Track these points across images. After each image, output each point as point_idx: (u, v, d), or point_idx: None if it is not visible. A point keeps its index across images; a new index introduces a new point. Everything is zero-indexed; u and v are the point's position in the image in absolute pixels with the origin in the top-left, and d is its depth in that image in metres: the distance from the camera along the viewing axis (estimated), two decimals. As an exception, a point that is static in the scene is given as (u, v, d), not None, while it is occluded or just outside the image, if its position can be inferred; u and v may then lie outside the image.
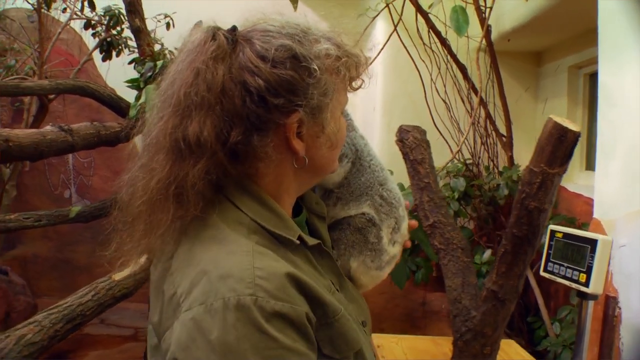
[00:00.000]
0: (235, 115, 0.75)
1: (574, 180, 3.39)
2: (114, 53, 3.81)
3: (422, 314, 3.71)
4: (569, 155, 0.97)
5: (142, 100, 2.81)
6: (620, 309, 1.96)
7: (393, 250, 1.00)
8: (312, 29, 0.80)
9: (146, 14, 3.27)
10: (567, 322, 2.70)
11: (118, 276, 2.46)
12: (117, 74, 4.13)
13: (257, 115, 0.74)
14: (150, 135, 0.78)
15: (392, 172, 2.89)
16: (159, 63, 2.87)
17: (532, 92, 3.91)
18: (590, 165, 3.37)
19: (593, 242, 1.53)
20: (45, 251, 5.18)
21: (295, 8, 2.34)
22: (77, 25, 4.29)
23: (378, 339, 1.41)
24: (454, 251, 1.31)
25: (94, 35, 3.93)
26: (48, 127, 2.22)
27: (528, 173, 1.02)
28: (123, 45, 3.65)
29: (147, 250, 0.79)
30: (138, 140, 4.07)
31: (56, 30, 3.82)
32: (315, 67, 0.75)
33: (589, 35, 3.10)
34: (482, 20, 3.03)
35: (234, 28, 0.79)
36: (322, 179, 0.91)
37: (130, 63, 3.78)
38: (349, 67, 0.80)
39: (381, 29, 3.87)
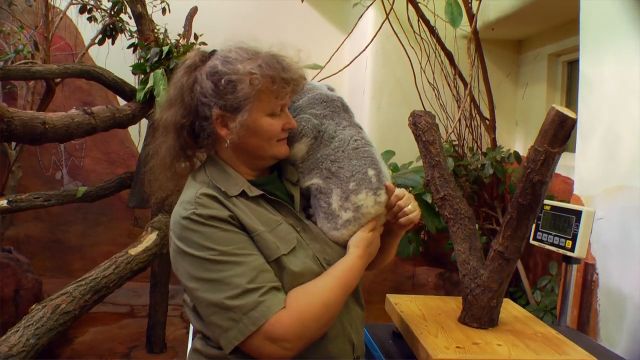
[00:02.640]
0: (190, 108, 1.16)
1: (552, 161, 3.62)
2: (108, 39, 3.90)
3: (411, 287, 3.94)
4: (567, 137, 1.18)
5: (150, 84, 2.93)
6: (597, 274, 2.20)
7: (345, 215, 1.21)
8: (255, 54, 1.15)
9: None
10: (547, 290, 2.95)
11: (134, 251, 2.62)
12: (107, 57, 4.23)
13: (198, 109, 1.15)
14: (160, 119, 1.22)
15: (393, 153, 3.02)
16: (165, 49, 2.99)
17: (513, 78, 4.14)
18: (568, 146, 3.61)
19: (578, 213, 1.75)
20: (37, 232, 5.23)
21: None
22: (70, 10, 4.34)
23: (395, 298, 1.60)
24: (462, 220, 1.51)
25: (89, 19, 4.00)
26: (73, 110, 2.35)
27: (533, 152, 1.22)
28: (126, 31, 3.74)
29: (167, 189, 1.26)
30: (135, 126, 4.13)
31: (50, 15, 3.87)
32: (230, 80, 1.11)
33: (568, 25, 3.33)
34: (469, 11, 3.22)
35: (213, 52, 1.18)
36: (272, 156, 1.21)
37: (129, 47, 3.89)
38: (264, 83, 1.11)
39: (371, 17, 4.04)
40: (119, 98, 5.19)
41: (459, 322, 1.45)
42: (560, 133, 1.17)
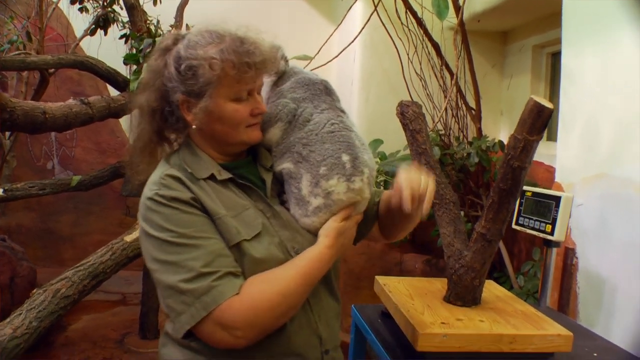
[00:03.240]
0: (160, 92, 1.15)
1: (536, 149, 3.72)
2: (100, 30, 3.93)
3: (399, 273, 4.03)
4: (544, 126, 1.26)
5: (143, 74, 2.98)
6: (577, 258, 2.29)
7: (315, 202, 1.16)
8: (220, 37, 1.11)
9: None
10: (530, 275, 3.05)
11: (129, 238, 2.68)
12: (99, 48, 4.26)
13: (167, 94, 1.14)
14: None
15: (382, 141, 3.08)
16: (158, 40, 3.03)
17: (498, 68, 4.22)
18: (551, 136, 3.71)
19: (557, 199, 1.84)
20: (28, 222, 5.26)
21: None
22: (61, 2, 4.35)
23: (384, 279, 1.68)
24: (447, 205, 1.59)
25: (80, 10, 4.03)
26: (71, 101, 2.39)
27: (513, 140, 1.30)
28: (118, 22, 3.78)
29: (148, 172, 1.22)
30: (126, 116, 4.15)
31: (43, 5, 3.90)
32: (190, 65, 1.10)
33: (552, 18, 3.41)
34: (455, 3, 3.30)
35: (184, 35, 1.17)
36: (241, 142, 1.20)
37: (121, 38, 3.92)
38: (225, 69, 1.09)
39: (359, 9, 4.10)
40: (109, 88, 5.26)
41: (444, 301, 1.54)
42: (538, 122, 1.25)
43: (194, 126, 1.16)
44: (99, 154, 5.31)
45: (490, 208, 1.41)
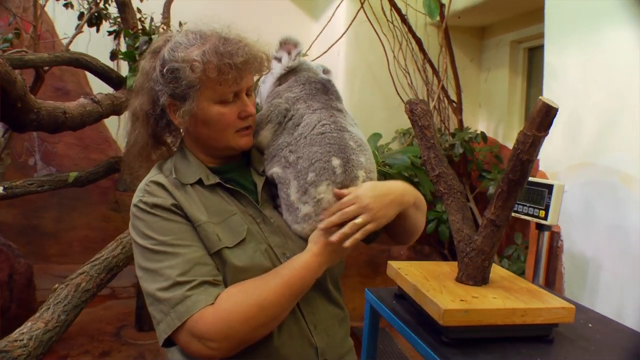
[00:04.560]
0: (151, 95, 1.15)
1: (514, 140, 3.93)
2: (91, 27, 3.96)
3: (385, 260, 4.20)
4: (551, 124, 1.42)
5: (137, 77, 3.05)
6: (562, 241, 2.49)
7: (305, 209, 1.11)
8: (203, 39, 1.10)
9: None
10: (514, 258, 3.25)
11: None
12: (88, 44, 4.28)
13: (157, 96, 1.14)
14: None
15: (380, 135, 3.21)
16: (154, 37, 3.11)
17: (476, 62, 4.41)
18: (528, 127, 3.92)
19: (550, 187, 2.02)
20: (10, 218, 5.22)
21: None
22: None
23: (397, 264, 1.82)
24: (455, 194, 1.75)
25: (66, 6, 4.05)
26: (82, 99, 2.46)
27: (522, 136, 1.46)
28: (109, 19, 3.82)
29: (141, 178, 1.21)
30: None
31: (22, 4, 3.91)
32: (173, 68, 1.08)
33: (529, 15, 3.60)
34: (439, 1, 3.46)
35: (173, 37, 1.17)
36: (228, 147, 1.17)
37: (110, 34, 3.96)
38: (206, 70, 1.07)
39: (343, 5, 4.22)
40: (91, 84, 5.26)
41: (456, 281, 1.69)
42: (545, 120, 1.40)
43: (181, 130, 1.17)
44: (82, 149, 5.30)
45: (499, 197, 1.56)
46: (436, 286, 1.62)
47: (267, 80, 1.27)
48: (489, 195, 3.48)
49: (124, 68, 4.23)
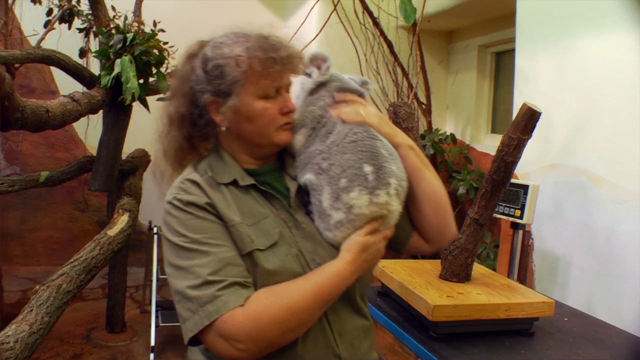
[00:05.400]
0: (189, 97, 1.14)
1: (481, 141, 4.06)
2: (63, 24, 3.90)
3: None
4: (534, 127, 1.49)
5: (117, 71, 3.03)
6: (533, 239, 2.59)
7: (337, 216, 1.10)
8: (245, 37, 1.11)
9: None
10: (483, 256, 3.35)
11: (112, 232, 2.74)
12: (51, 42, 4.20)
13: (195, 98, 1.13)
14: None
15: None
16: (129, 36, 3.08)
17: (444, 65, 4.51)
18: (494, 129, 4.05)
19: (525, 187, 2.10)
20: (-28, 219, 5.09)
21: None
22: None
23: (383, 262, 1.89)
24: (438, 195, 1.82)
25: (34, 1, 3.97)
26: (62, 98, 2.42)
27: (507, 138, 1.53)
28: (82, 16, 3.77)
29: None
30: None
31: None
32: (217, 65, 1.09)
33: (498, 20, 3.72)
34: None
35: (207, 40, 1.17)
36: (272, 143, 1.16)
37: (81, 31, 3.90)
38: (252, 65, 1.07)
39: (316, 8, 4.27)
40: (57, 82, 5.15)
41: (440, 278, 1.76)
42: (529, 124, 1.48)
43: (223, 128, 1.15)
44: (48, 148, 5.18)
45: (482, 197, 1.63)
46: (422, 283, 1.68)
47: (300, 95, 1.26)
48: (459, 196, 3.58)
49: (93, 66, 4.15)
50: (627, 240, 2.16)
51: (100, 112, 3.32)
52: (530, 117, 1.47)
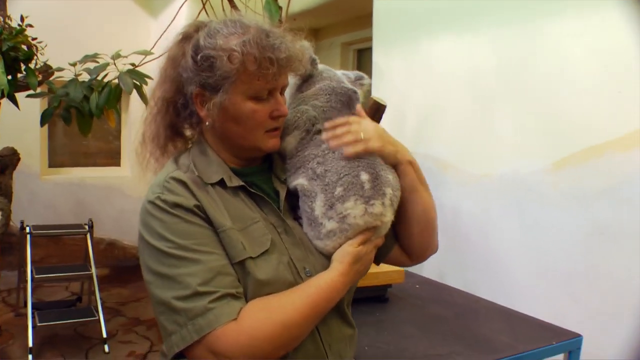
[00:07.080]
0: (176, 82, 1.04)
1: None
2: None
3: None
4: (380, 120, 1.70)
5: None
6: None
7: (329, 225, 1.04)
8: (245, 28, 1.00)
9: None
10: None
11: None
12: None
13: (182, 85, 1.03)
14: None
15: None
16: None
17: (311, 62, 4.73)
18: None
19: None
20: None
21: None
22: None
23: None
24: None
25: None
26: None
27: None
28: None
29: (156, 169, 1.12)
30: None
31: None
32: (208, 56, 0.98)
33: (359, 20, 4.00)
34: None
35: (207, 23, 1.07)
36: (256, 148, 1.07)
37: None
38: (245, 63, 0.97)
39: (186, 5, 4.30)
40: None
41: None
42: (375, 116, 1.67)
43: (207, 123, 1.04)
44: None
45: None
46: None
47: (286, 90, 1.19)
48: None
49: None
50: (469, 216, 2.48)
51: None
52: (376, 110, 1.66)
